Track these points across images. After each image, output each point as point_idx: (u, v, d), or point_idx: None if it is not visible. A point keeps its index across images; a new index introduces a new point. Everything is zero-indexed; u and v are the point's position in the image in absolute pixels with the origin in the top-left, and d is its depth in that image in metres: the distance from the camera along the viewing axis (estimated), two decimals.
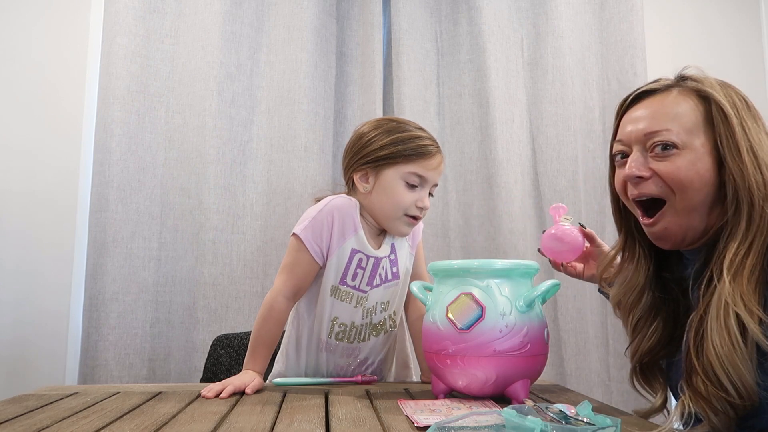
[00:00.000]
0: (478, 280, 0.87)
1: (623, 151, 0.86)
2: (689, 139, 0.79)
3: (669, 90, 0.83)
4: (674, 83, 0.84)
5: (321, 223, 1.07)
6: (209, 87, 1.82)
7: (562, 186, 1.92)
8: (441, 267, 0.92)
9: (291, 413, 0.79)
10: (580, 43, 2.00)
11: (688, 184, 0.78)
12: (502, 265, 0.88)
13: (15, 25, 1.85)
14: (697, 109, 0.80)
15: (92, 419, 0.76)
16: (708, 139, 0.79)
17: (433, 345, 0.88)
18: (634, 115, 0.85)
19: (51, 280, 1.79)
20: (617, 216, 0.93)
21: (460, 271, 0.89)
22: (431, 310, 0.91)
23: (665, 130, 0.79)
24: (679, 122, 0.79)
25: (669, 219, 0.80)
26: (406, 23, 2.01)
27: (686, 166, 0.78)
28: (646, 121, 0.82)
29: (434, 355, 0.88)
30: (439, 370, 0.89)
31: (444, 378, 0.89)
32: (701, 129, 0.79)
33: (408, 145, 1.06)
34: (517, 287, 0.87)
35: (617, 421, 0.59)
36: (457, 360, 0.85)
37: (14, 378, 1.73)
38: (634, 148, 0.83)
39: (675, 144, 0.78)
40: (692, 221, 0.79)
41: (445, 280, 0.91)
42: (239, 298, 1.80)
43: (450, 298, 0.87)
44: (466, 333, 0.84)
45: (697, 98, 0.81)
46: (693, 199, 0.78)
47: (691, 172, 0.78)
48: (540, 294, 0.86)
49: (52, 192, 1.82)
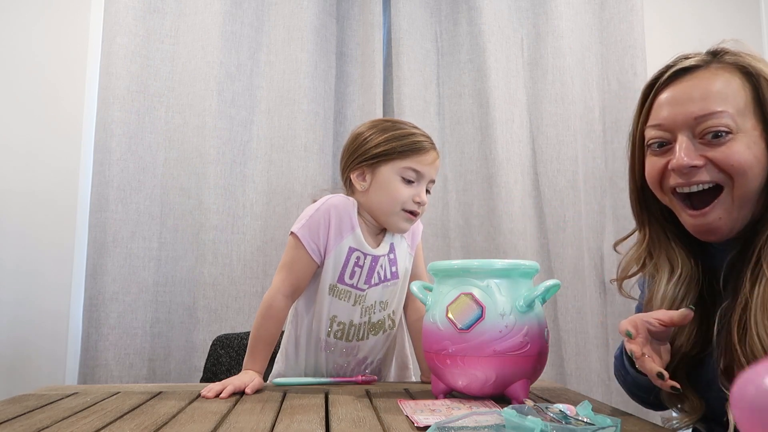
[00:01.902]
0: (478, 280, 0.86)
1: (662, 137, 0.76)
2: (742, 122, 0.71)
3: (708, 66, 0.75)
4: (712, 59, 0.76)
5: (318, 222, 1.07)
6: (209, 87, 1.82)
7: (562, 186, 1.92)
8: (441, 267, 0.92)
9: (291, 413, 0.79)
10: (580, 43, 2.00)
11: (748, 169, 0.70)
12: (502, 265, 0.87)
13: (15, 25, 1.85)
14: (745, 87, 0.73)
15: (92, 419, 0.76)
16: (759, 120, 0.72)
17: (433, 345, 0.88)
18: (675, 95, 0.75)
19: (51, 280, 1.79)
20: (640, 210, 0.85)
21: (460, 271, 0.89)
22: (431, 310, 0.90)
23: (718, 112, 0.71)
24: (731, 103, 0.71)
25: (724, 208, 0.72)
26: (406, 23, 2.01)
27: (743, 150, 0.71)
28: (694, 103, 0.73)
29: (434, 355, 0.88)
30: (439, 370, 0.89)
31: (444, 378, 0.89)
32: (751, 109, 0.72)
33: (402, 142, 1.08)
34: (517, 287, 0.87)
35: (617, 421, 0.59)
36: (457, 360, 0.84)
37: (14, 378, 1.73)
38: (680, 134, 0.74)
39: (729, 128, 0.71)
40: (745, 210, 0.72)
41: (445, 280, 0.90)
42: (239, 298, 1.80)
43: (450, 298, 0.87)
44: (466, 333, 0.84)
45: (741, 75, 0.73)
46: (751, 185, 0.71)
47: (749, 157, 0.70)
48: (540, 294, 0.86)
49: (52, 192, 1.82)
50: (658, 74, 0.79)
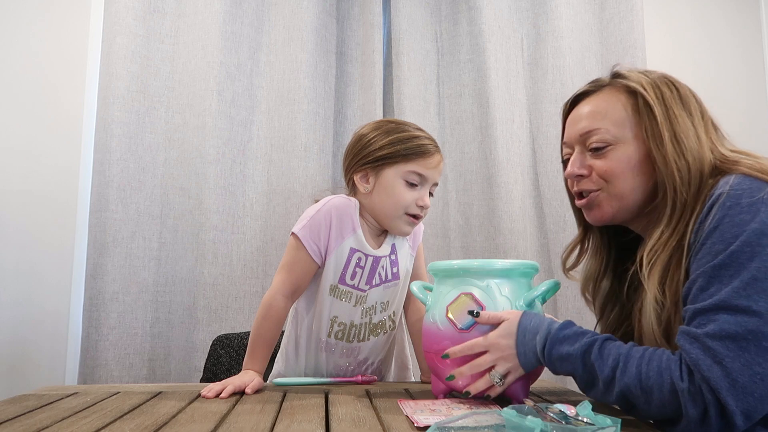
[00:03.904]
0: (478, 280, 0.87)
1: (567, 153, 0.91)
2: (621, 133, 0.84)
3: (601, 89, 0.88)
4: (608, 82, 0.88)
5: (319, 223, 1.07)
6: (209, 87, 1.82)
7: (562, 186, 1.90)
8: (441, 267, 0.91)
9: (291, 413, 0.79)
10: (580, 43, 2.00)
11: (620, 175, 0.83)
12: (502, 265, 0.87)
13: (15, 25, 1.85)
14: (627, 103, 0.84)
15: (92, 419, 0.76)
16: (640, 129, 0.83)
17: (433, 345, 0.88)
18: (572, 117, 0.90)
19: (51, 280, 1.79)
20: (576, 211, 0.97)
21: (460, 271, 0.89)
22: (431, 311, 0.90)
23: (597, 129, 0.85)
24: (609, 119, 0.84)
25: (602, 198, 0.86)
26: (406, 23, 2.01)
27: (620, 158, 0.83)
28: (582, 122, 0.87)
29: (434, 356, 0.88)
30: (439, 371, 0.88)
31: (444, 378, 0.89)
32: (632, 121, 0.84)
33: (407, 145, 1.07)
34: (517, 287, 0.87)
35: (617, 421, 0.59)
36: (457, 360, 0.84)
37: (14, 378, 1.73)
38: (575, 148, 0.89)
39: (608, 141, 0.84)
40: (622, 203, 0.84)
41: (445, 280, 0.90)
42: (239, 298, 1.80)
43: (450, 299, 0.87)
44: (466, 333, 0.84)
45: (626, 93, 0.85)
46: (623, 186, 0.83)
47: (624, 164, 0.83)
48: (540, 294, 0.86)
49: (52, 192, 1.82)
50: (569, 99, 0.93)
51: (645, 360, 0.71)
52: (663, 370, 0.69)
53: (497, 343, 0.81)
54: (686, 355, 0.68)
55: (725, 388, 0.64)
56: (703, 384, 0.66)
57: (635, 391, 0.71)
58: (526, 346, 0.80)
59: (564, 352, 0.77)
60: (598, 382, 0.75)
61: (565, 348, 0.77)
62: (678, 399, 0.68)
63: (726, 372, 0.65)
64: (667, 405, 0.69)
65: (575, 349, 0.76)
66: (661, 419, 0.72)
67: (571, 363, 0.77)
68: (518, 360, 0.81)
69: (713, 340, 0.66)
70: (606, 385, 0.74)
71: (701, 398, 0.66)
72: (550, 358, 0.79)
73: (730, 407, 0.64)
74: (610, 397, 0.74)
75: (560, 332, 0.79)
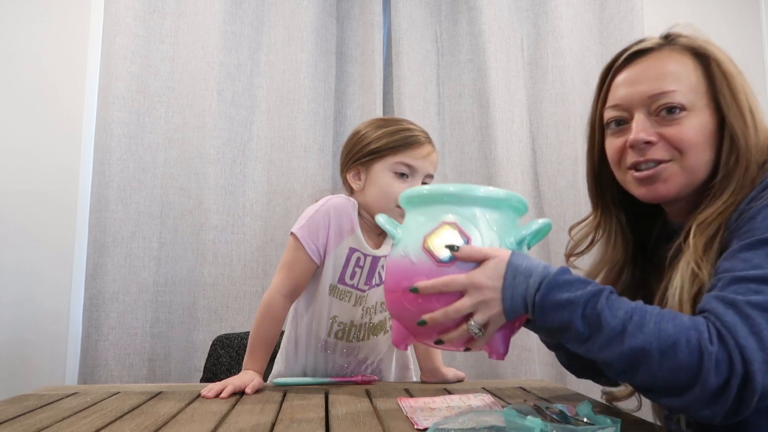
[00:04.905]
0: (462, 209, 0.74)
1: (619, 117, 0.80)
2: (695, 99, 0.75)
3: (661, 49, 0.79)
4: (665, 42, 0.80)
5: (318, 222, 1.07)
6: (209, 87, 1.82)
7: (562, 186, 1.92)
8: (416, 193, 0.78)
9: (291, 413, 0.79)
10: (580, 43, 2.00)
11: (696, 145, 0.74)
12: (492, 193, 0.74)
13: (15, 25, 1.85)
14: (697, 67, 0.77)
15: (92, 419, 0.76)
16: (710, 98, 0.75)
17: (402, 282, 0.73)
18: (630, 76, 0.79)
19: (51, 280, 1.79)
20: (595, 191, 0.89)
21: (443, 196, 0.75)
22: (401, 243, 0.76)
23: (670, 91, 0.75)
24: (684, 82, 0.75)
25: (671, 172, 0.76)
26: (406, 23, 2.01)
27: (695, 127, 0.75)
28: (649, 83, 0.77)
29: (401, 295, 0.73)
30: (407, 314, 0.73)
31: (411, 324, 0.73)
32: (703, 88, 0.76)
33: (394, 137, 1.07)
34: (506, 222, 0.75)
35: (617, 421, 0.59)
36: (432, 300, 0.70)
37: (14, 378, 1.73)
38: (636, 113, 0.77)
39: (683, 105, 0.75)
40: (690, 180, 0.76)
41: (422, 209, 0.76)
42: (239, 298, 1.80)
43: (428, 228, 0.73)
44: (447, 267, 0.70)
45: (693, 57, 0.77)
46: (697, 159, 0.75)
47: (700, 134, 0.75)
48: (531, 233, 0.75)
49: (52, 192, 1.82)
50: (615, 58, 0.82)
51: (665, 317, 0.63)
52: (688, 329, 0.61)
53: (480, 284, 0.69)
54: (718, 319, 0.61)
55: (759, 360, 0.58)
56: (736, 352, 0.59)
57: (649, 348, 0.61)
58: (515, 289, 0.69)
59: (563, 298, 0.66)
60: (598, 335, 0.65)
61: (565, 294, 0.67)
62: (700, 363, 0.59)
63: (762, 345, 0.59)
64: (683, 369, 0.60)
65: (578, 296, 0.66)
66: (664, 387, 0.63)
67: (568, 312, 0.66)
68: (502, 306, 0.69)
69: (754, 310, 0.60)
70: (610, 339, 0.64)
71: (727, 366, 0.59)
72: (542, 305, 0.68)
73: (756, 382, 0.58)
74: (610, 353, 0.64)
75: (560, 276, 0.68)
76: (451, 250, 0.70)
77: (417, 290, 0.70)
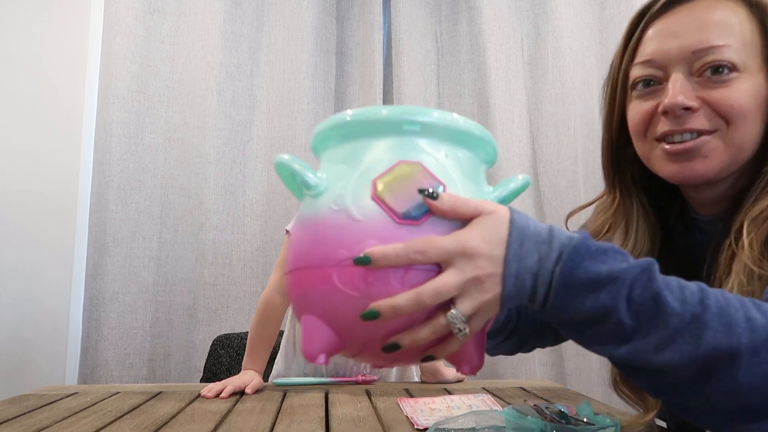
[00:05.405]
0: (429, 145, 0.48)
1: (651, 76, 0.63)
2: (748, 58, 0.59)
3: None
4: None
5: None
6: (209, 87, 1.82)
7: (562, 186, 1.92)
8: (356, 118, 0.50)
9: (291, 413, 0.79)
10: (580, 43, 2.00)
11: (747, 114, 0.59)
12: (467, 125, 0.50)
13: (15, 25, 1.85)
14: (752, 19, 0.60)
15: (92, 419, 0.76)
16: (765, 59, 0.60)
17: (340, 249, 0.44)
18: (669, 27, 0.62)
19: (51, 280, 1.79)
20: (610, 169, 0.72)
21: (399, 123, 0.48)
22: (328, 193, 0.48)
23: (719, 46, 0.58)
24: (734, 36, 0.59)
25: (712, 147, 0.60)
26: (406, 23, 2.01)
27: (747, 91, 0.59)
28: (692, 35, 0.60)
29: (336, 271, 0.44)
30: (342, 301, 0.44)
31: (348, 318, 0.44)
32: (758, 46, 0.60)
33: None
34: (478, 173, 0.55)
35: (617, 421, 0.59)
36: (391, 277, 0.43)
37: (14, 378, 1.73)
38: (673, 72, 0.61)
39: (733, 65, 0.58)
40: (735, 158, 0.60)
41: (368, 141, 0.49)
42: (239, 298, 1.80)
43: (379, 169, 0.46)
44: (414, 226, 0.44)
45: (746, 6, 0.61)
46: (746, 132, 0.59)
47: (753, 101, 0.59)
48: (509, 193, 0.58)
49: (52, 192, 1.82)
50: (649, 4, 0.66)
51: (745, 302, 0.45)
52: None
53: (474, 251, 0.44)
54: None
55: None
56: None
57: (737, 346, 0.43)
58: (523, 260, 0.45)
59: (601, 272, 0.44)
60: (654, 328, 0.44)
61: (603, 266, 0.45)
62: None
63: None
64: None
65: (623, 270, 0.44)
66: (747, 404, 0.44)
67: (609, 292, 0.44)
68: (502, 287, 0.44)
69: None
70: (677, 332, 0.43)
71: None
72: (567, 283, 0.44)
73: None
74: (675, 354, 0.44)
75: (589, 242, 0.46)
76: (429, 198, 0.44)
77: (368, 261, 0.42)
